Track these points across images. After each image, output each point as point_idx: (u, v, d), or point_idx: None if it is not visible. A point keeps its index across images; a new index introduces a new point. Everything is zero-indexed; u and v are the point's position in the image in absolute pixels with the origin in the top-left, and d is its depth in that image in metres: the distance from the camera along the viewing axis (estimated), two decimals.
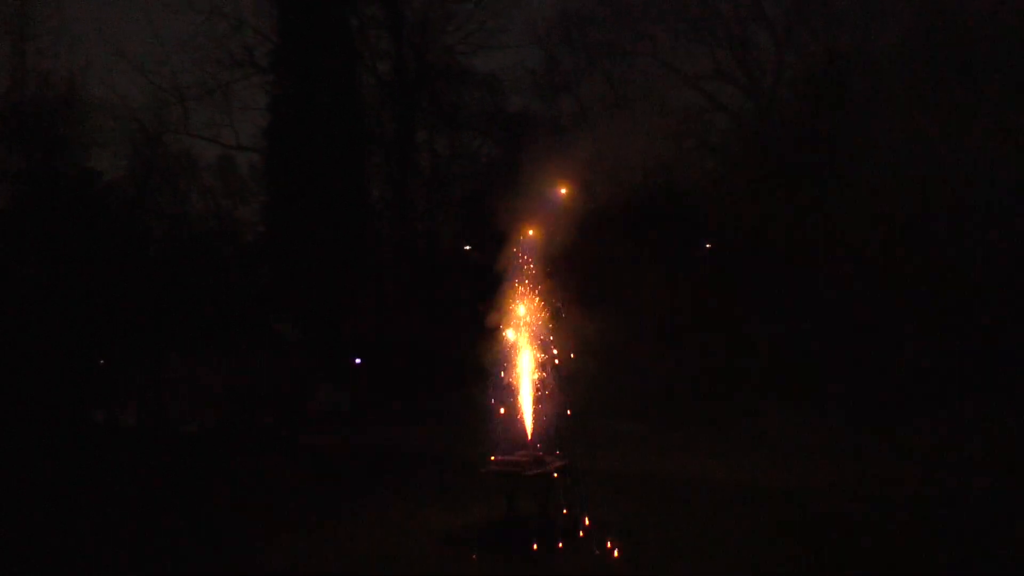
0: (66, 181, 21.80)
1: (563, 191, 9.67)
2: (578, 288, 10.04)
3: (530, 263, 9.67)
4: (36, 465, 14.14)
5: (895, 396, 15.41)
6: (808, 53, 22.98)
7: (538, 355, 9.73)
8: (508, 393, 9.65)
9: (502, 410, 9.62)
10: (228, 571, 8.05)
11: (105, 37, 41.75)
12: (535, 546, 8.36)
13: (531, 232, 9.64)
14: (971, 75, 17.05)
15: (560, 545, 8.27)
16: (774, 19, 24.06)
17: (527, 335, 9.70)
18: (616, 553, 7.94)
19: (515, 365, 9.66)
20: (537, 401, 9.59)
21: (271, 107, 24.63)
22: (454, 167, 27.43)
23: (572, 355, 9.86)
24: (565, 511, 9.12)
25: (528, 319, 9.70)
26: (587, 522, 8.95)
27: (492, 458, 9.11)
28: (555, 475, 9.15)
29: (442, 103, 26.78)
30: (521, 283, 9.66)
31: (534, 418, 9.49)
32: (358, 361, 20.84)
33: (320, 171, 23.20)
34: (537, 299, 9.65)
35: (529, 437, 9.35)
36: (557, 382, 9.82)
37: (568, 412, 9.37)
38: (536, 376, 9.67)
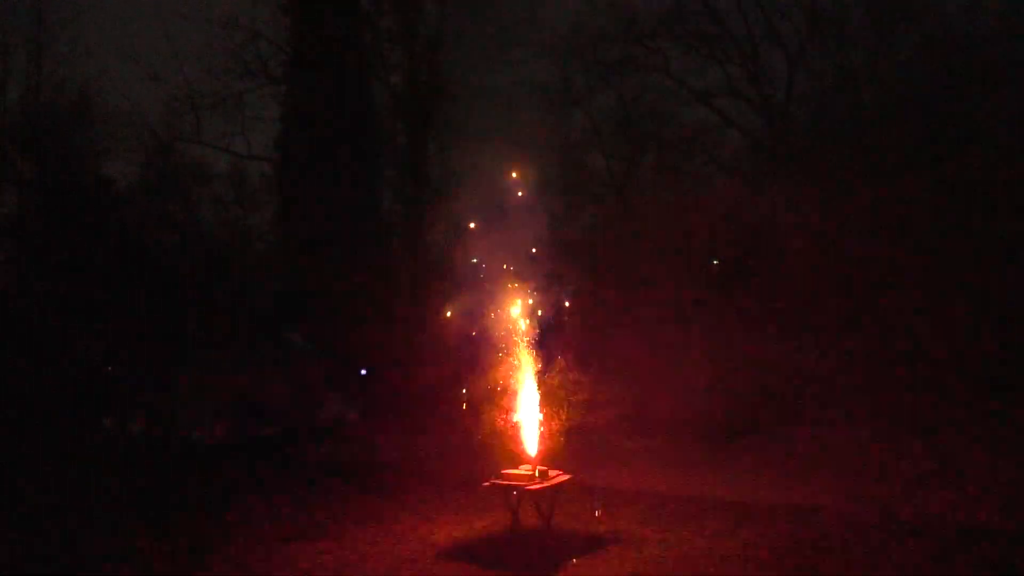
0: (78, 189, 21.92)
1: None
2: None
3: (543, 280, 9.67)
4: (40, 468, 14.14)
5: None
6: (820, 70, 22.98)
7: (545, 371, 9.72)
8: (516, 406, 9.63)
9: (509, 423, 9.61)
10: None
11: (120, 46, 42.08)
12: (538, 561, 8.30)
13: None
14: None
15: (564, 560, 8.21)
16: (786, 36, 24.13)
17: (535, 351, 9.69)
18: (622, 569, 7.88)
19: (523, 379, 9.64)
20: (544, 415, 9.56)
21: (283, 117, 24.81)
22: (465, 180, 27.49)
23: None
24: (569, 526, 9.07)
25: (536, 334, 9.69)
26: (593, 537, 8.90)
27: (502, 471, 9.06)
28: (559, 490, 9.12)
29: (454, 117, 26.88)
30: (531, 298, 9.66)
31: (540, 432, 9.46)
32: (364, 372, 20.85)
33: (331, 182, 23.31)
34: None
35: (534, 451, 9.31)
36: (565, 395, 9.81)
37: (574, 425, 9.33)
38: (542, 391, 9.66)
